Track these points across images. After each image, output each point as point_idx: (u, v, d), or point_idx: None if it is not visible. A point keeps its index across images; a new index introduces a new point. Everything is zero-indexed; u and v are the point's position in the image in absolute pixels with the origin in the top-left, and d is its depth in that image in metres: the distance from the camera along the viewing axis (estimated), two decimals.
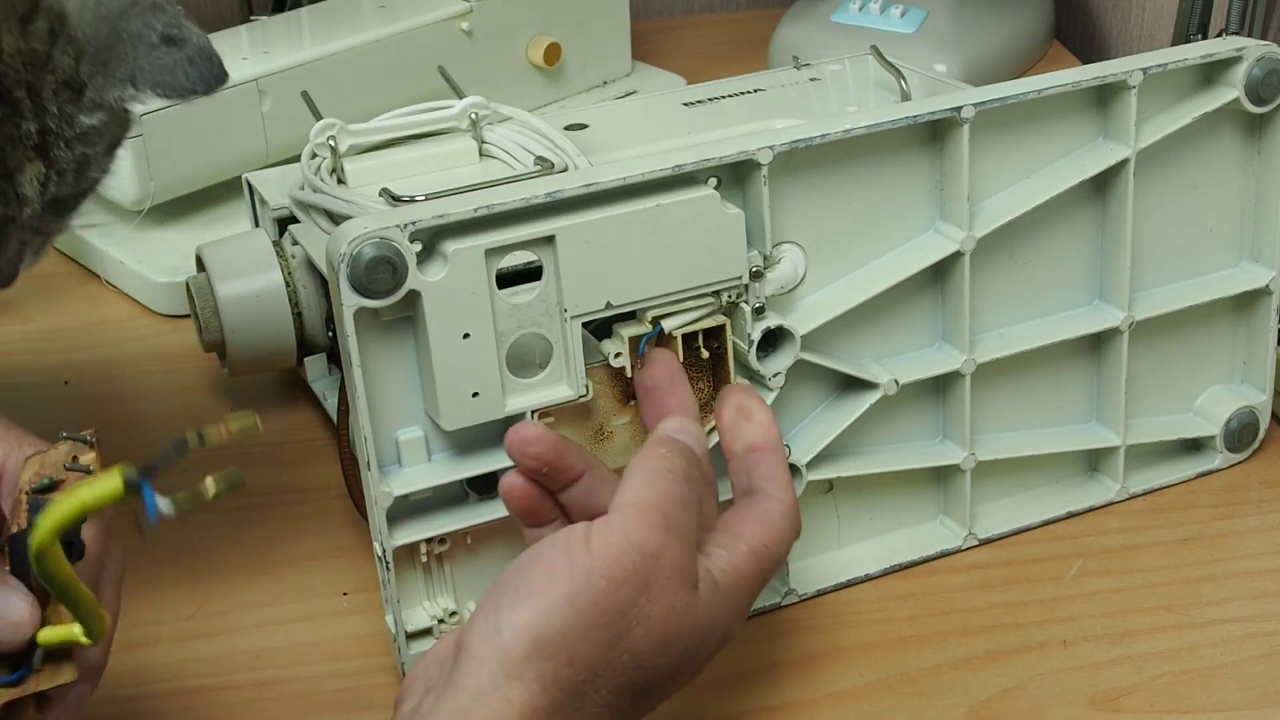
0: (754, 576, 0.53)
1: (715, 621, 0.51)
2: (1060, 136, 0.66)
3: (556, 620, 0.47)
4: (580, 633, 0.47)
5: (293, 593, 0.67)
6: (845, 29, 1.12)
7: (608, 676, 0.48)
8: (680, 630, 0.49)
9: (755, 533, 0.53)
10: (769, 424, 0.57)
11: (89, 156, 0.57)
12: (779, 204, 0.61)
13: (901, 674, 0.61)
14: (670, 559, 0.49)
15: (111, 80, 0.56)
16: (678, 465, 0.52)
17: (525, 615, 0.47)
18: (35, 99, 0.54)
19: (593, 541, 0.49)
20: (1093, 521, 0.70)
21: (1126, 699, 0.60)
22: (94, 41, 0.56)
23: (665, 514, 0.50)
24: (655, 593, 0.48)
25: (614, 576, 0.48)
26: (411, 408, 0.58)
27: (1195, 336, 0.72)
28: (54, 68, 0.55)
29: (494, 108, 0.76)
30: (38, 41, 0.54)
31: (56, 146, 0.56)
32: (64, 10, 0.55)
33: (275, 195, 0.76)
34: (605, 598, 0.48)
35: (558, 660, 0.47)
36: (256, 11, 1.08)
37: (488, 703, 0.46)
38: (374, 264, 0.54)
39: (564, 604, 0.47)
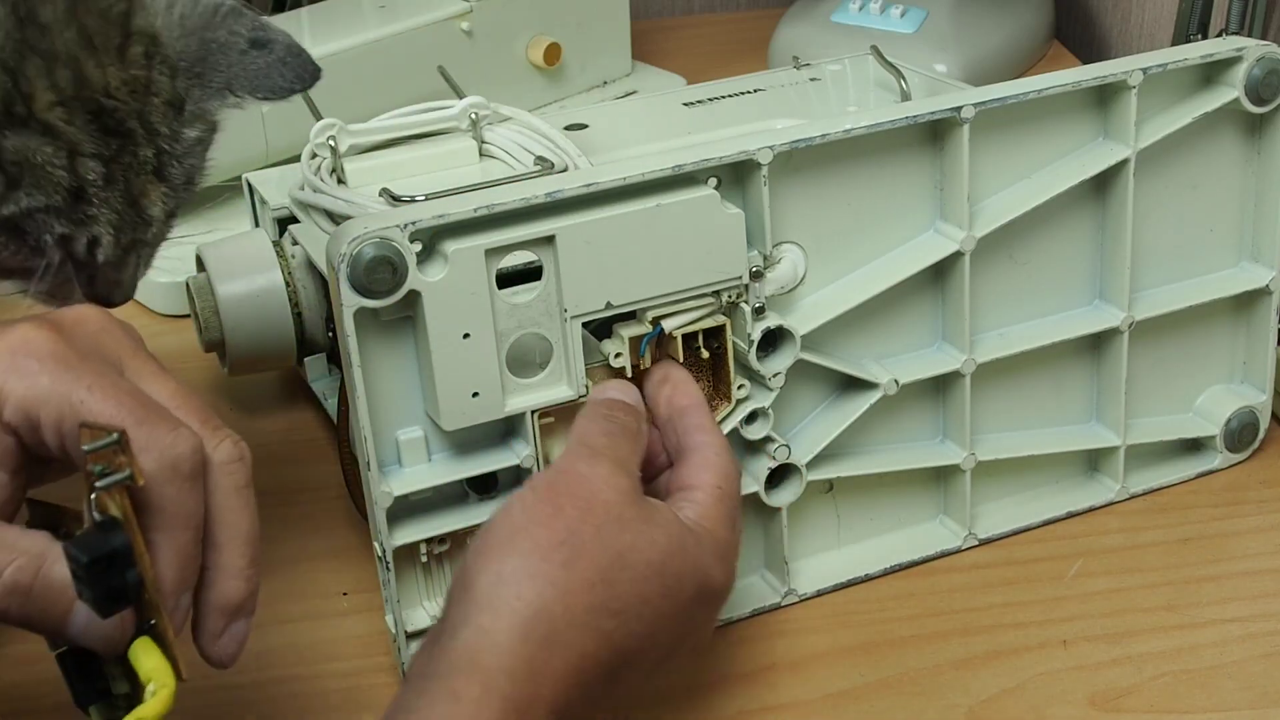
0: (723, 516, 0.55)
1: (684, 547, 0.52)
2: (1060, 136, 0.66)
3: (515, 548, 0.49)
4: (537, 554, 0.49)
5: (293, 593, 0.67)
6: (845, 29, 1.12)
7: (576, 596, 0.49)
8: (637, 543, 0.50)
9: (705, 478, 0.55)
10: (687, 382, 0.59)
11: (195, 167, 0.59)
12: (779, 204, 0.61)
13: (901, 674, 0.61)
14: (601, 476, 0.52)
15: (208, 91, 0.58)
16: (591, 411, 0.56)
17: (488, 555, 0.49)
18: (146, 124, 0.56)
19: (534, 481, 0.52)
20: (1093, 521, 0.70)
21: (1126, 699, 0.60)
22: (185, 56, 0.57)
23: (588, 444, 0.53)
24: (598, 508, 0.50)
25: (557, 502, 0.50)
26: (411, 408, 0.58)
27: (1195, 336, 0.72)
28: (156, 90, 0.56)
29: (494, 108, 0.76)
30: (137, 68, 0.55)
31: (170, 165, 0.57)
32: (154, 31, 0.56)
33: (275, 195, 0.76)
34: (553, 519, 0.50)
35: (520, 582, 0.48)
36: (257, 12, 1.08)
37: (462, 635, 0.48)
38: (374, 264, 0.54)
39: (520, 534, 0.50)
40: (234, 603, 0.48)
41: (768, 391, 0.62)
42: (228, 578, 0.48)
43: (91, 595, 0.43)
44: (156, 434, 0.46)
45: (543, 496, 0.51)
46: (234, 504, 0.48)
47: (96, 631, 0.45)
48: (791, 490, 0.64)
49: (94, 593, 0.43)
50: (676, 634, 0.52)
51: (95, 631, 0.45)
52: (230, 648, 0.48)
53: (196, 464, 0.46)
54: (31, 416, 0.46)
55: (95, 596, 0.43)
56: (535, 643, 0.47)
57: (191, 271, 0.75)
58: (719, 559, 0.53)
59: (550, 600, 0.48)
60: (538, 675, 0.47)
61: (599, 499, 0.51)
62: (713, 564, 0.53)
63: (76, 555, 0.43)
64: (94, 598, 0.43)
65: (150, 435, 0.45)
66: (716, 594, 0.54)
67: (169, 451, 0.46)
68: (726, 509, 0.55)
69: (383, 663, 0.62)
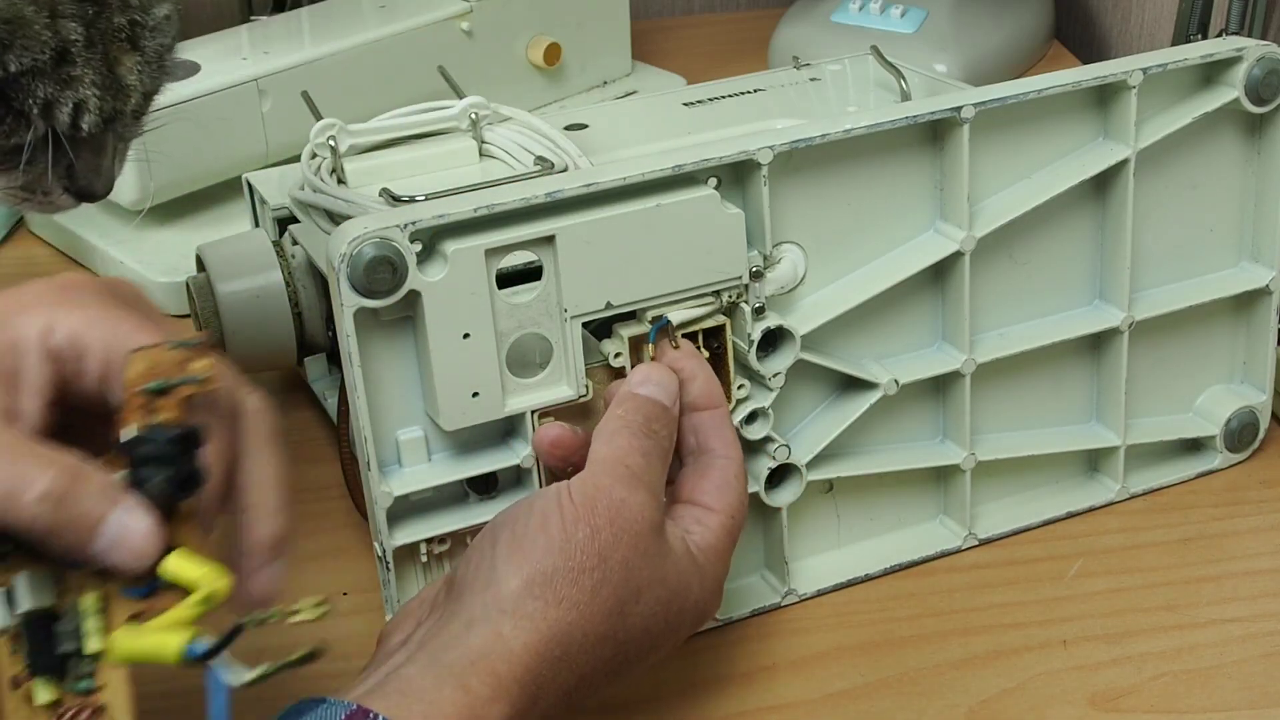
0: (726, 549, 0.56)
1: (689, 584, 0.54)
2: (1060, 136, 0.66)
3: (548, 562, 0.50)
4: (568, 576, 0.50)
5: (293, 593, 0.66)
6: (845, 29, 1.12)
7: (594, 623, 0.50)
8: (653, 579, 0.52)
9: (723, 501, 0.56)
10: (710, 382, 0.58)
11: (165, 47, 0.61)
12: (779, 204, 0.61)
13: (901, 674, 0.61)
14: (637, 505, 0.52)
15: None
16: (634, 420, 0.55)
17: (519, 558, 0.50)
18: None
19: (574, 492, 0.52)
20: (1093, 521, 0.70)
21: (1126, 699, 0.60)
22: None
23: (628, 465, 0.53)
24: (627, 539, 0.51)
25: (594, 524, 0.51)
26: (411, 408, 0.58)
27: (1195, 336, 0.72)
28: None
29: (494, 108, 0.76)
30: None
31: (144, 36, 0.59)
32: None
33: (275, 195, 0.76)
34: (588, 543, 0.51)
35: (547, 600, 0.50)
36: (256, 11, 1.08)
37: (479, 631, 0.49)
38: (374, 264, 0.54)
39: (555, 549, 0.50)
40: (271, 541, 0.50)
41: (768, 391, 0.62)
42: (265, 517, 0.50)
43: (169, 476, 0.45)
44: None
45: (581, 514, 0.51)
46: (267, 448, 0.50)
47: (128, 542, 0.45)
48: (791, 490, 0.64)
49: (173, 473, 0.45)
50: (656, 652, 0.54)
51: (127, 541, 0.45)
52: (269, 585, 0.50)
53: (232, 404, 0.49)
54: (79, 345, 0.47)
55: (171, 478, 0.45)
56: (549, 662, 0.49)
57: (191, 271, 0.75)
58: (714, 592, 0.56)
59: (572, 625, 0.50)
60: (543, 690, 0.49)
61: (632, 529, 0.52)
62: (709, 598, 0.55)
63: (156, 436, 0.45)
64: (170, 478, 0.45)
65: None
66: (703, 620, 0.56)
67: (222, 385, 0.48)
68: (730, 543, 0.56)
69: None
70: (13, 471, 0.44)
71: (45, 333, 0.47)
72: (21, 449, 0.45)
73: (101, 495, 0.45)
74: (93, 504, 0.45)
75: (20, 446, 0.45)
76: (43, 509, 0.44)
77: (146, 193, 0.90)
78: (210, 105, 0.90)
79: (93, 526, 0.45)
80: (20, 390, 0.47)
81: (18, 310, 0.48)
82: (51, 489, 0.44)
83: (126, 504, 0.45)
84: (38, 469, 0.44)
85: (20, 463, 0.44)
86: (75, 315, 0.47)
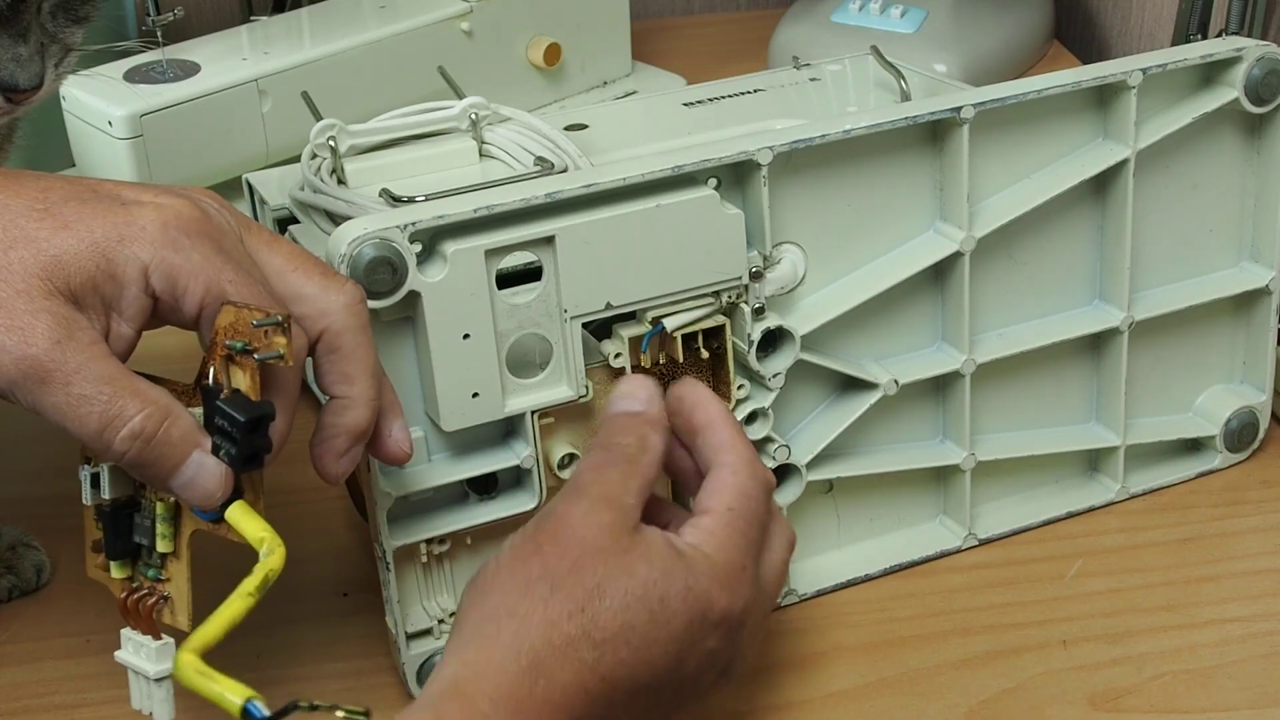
0: (730, 539, 0.53)
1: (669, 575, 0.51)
2: (1060, 136, 0.66)
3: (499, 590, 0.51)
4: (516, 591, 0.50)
5: (293, 593, 0.67)
6: (845, 29, 1.12)
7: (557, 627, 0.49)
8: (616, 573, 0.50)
9: (715, 503, 0.55)
10: (704, 400, 0.57)
11: None
12: (779, 204, 0.61)
13: (901, 674, 0.61)
14: (579, 514, 0.52)
15: None
16: (600, 436, 0.55)
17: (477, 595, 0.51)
18: None
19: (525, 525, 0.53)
20: (1093, 521, 0.70)
21: (1126, 699, 0.60)
22: None
23: (575, 482, 0.53)
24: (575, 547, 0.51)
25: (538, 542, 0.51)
26: (411, 408, 0.58)
27: (1195, 336, 0.72)
28: None
29: (494, 108, 0.76)
30: None
31: None
32: None
33: (275, 195, 0.77)
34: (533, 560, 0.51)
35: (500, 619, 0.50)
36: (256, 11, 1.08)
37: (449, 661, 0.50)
38: (374, 264, 0.54)
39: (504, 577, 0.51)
40: (362, 427, 0.52)
41: (767, 392, 0.62)
42: (360, 406, 0.52)
43: (235, 452, 0.49)
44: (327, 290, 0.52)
45: (527, 537, 0.52)
46: (364, 340, 0.52)
47: (201, 485, 0.49)
48: (791, 490, 0.64)
49: (239, 449, 0.49)
50: (681, 659, 0.51)
51: (201, 484, 0.49)
52: (347, 467, 0.53)
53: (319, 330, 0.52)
54: (178, 287, 0.49)
55: (238, 453, 0.49)
56: (518, 673, 0.49)
57: None
58: (720, 583, 0.52)
59: (531, 633, 0.49)
60: (522, 704, 0.48)
61: (575, 535, 0.51)
62: (711, 587, 0.52)
63: (234, 414, 0.48)
64: (236, 454, 0.49)
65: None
66: (723, 618, 0.52)
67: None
68: (736, 531, 0.54)
69: (383, 663, 0.62)
70: (110, 406, 0.47)
71: (147, 271, 0.49)
72: (120, 382, 0.48)
73: (184, 439, 0.49)
74: (175, 446, 0.48)
75: (119, 379, 0.48)
76: (133, 445, 0.48)
77: None
78: (210, 105, 0.90)
79: (173, 466, 0.49)
80: (116, 317, 0.49)
81: (122, 241, 0.49)
82: (144, 428, 0.48)
83: (204, 449, 0.49)
84: (134, 405, 0.48)
85: (119, 398, 0.48)
86: (178, 259, 0.49)
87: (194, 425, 0.49)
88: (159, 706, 0.53)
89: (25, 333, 0.47)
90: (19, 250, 0.48)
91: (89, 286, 0.48)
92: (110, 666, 0.53)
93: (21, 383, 0.47)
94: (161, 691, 0.53)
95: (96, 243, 0.48)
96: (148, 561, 0.53)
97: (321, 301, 0.51)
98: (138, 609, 0.53)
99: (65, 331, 0.47)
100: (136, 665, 0.53)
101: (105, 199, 0.50)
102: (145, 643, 0.53)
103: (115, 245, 0.48)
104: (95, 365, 0.47)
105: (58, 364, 0.47)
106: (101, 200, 0.49)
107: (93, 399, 0.47)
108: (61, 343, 0.47)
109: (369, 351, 0.52)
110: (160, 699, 0.53)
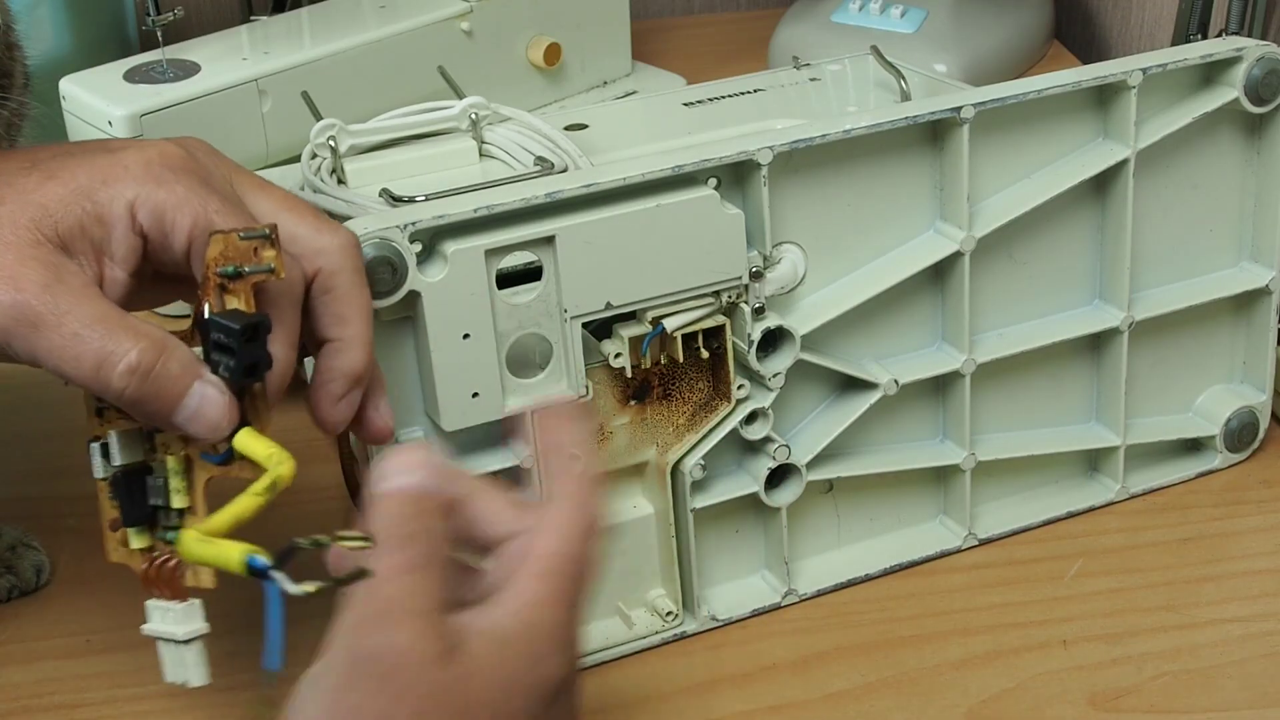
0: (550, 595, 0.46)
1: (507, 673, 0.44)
2: (1060, 136, 0.66)
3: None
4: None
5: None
6: (845, 29, 1.12)
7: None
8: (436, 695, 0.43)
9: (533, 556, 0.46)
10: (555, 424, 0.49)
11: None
12: (779, 204, 0.61)
13: (901, 674, 0.61)
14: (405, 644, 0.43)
15: None
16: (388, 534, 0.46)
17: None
18: None
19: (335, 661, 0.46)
20: (1093, 521, 0.70)
21: (1126, 699, 0.60)
22: None
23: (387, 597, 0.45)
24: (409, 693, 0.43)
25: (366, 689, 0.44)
26: (411, 408, 0.58)
27: (1195, 336, 0.72)
28: None
29: (494, 108, 0.76)
30: None
31: None
32: None
33: None
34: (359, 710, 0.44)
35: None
36: (256, 11, 1.08)
37: None
38: (374, 264, 0.54)
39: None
40: (359, 370, 0.52)
41: (768, 391, 0.62)
42: (355, 348, 0.51)
43: (233, 364, 0.48)
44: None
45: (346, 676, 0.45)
46: (358, 281, 0.52)
47: (206, 415, 0.48)
48: (791, 490, 0.64)
49: (237, 360, 0.47)
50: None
51: (205, 414, 0.48)
52: (346, 413, 0.52)
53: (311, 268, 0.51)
54: (165, 221, 0.49)
55: (236, 365, 0.47)
56: None
57: None
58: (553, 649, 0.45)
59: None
60: None
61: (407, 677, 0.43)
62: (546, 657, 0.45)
63: (228, 324, 0.47)
64: (235, 365, 0.48)
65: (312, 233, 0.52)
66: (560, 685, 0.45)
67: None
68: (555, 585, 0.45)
69: None
70: (104, 343, 0.47)
71: (133, 208, 0.49)
72: (113, 320, 0.47)
73: (183, 371, 0.48)
74: (175, 378, 0.48)
75: (112, 318, 0.47)
76: (131, 380, 0.47)
77: None
78: (210, 105, 0.90)
79: (175, 399, 0.48)
80: (108, 260, 0.49)
81: (106, 182, 0.49)
82: (140, 362, 0.47)
83: (205, 380, 0.48)
84: (129, 340, 0.47)
85: (113, 335, 0.47)
86: (162, 193, 0.49)
87: (193, 357, 0.49)
88: (193, 671, 0.52)
89: (15, 280, 0.47)
90: (6, 206, 0.48)
91: (77, 230, 0.48)
92: (111, 666, 0.54)
93: (15, 329, 0.47)
94: (193, 654, 0.52)
95: (81, 187, 0.49)
96: (166, 524, 0.52)
97: (316, 241, 0.51)
98: (159, 574, 0.52)
99: (54, 275, 0.47)
100: (166, 632, 0.52)
101: (92, 151, 0.50)
102: (171, 607, 0.52)
103: (99, 187, 0.49)
104: (87, 306, 0.47)
105: (49, 307, 0.47)
106: (88, 153, 0.50)
107: (86, 337, 0.47)
108: (50, 286, 0.47)
109: (364, 293, 0.52)
110: (193, 663, 0.52)
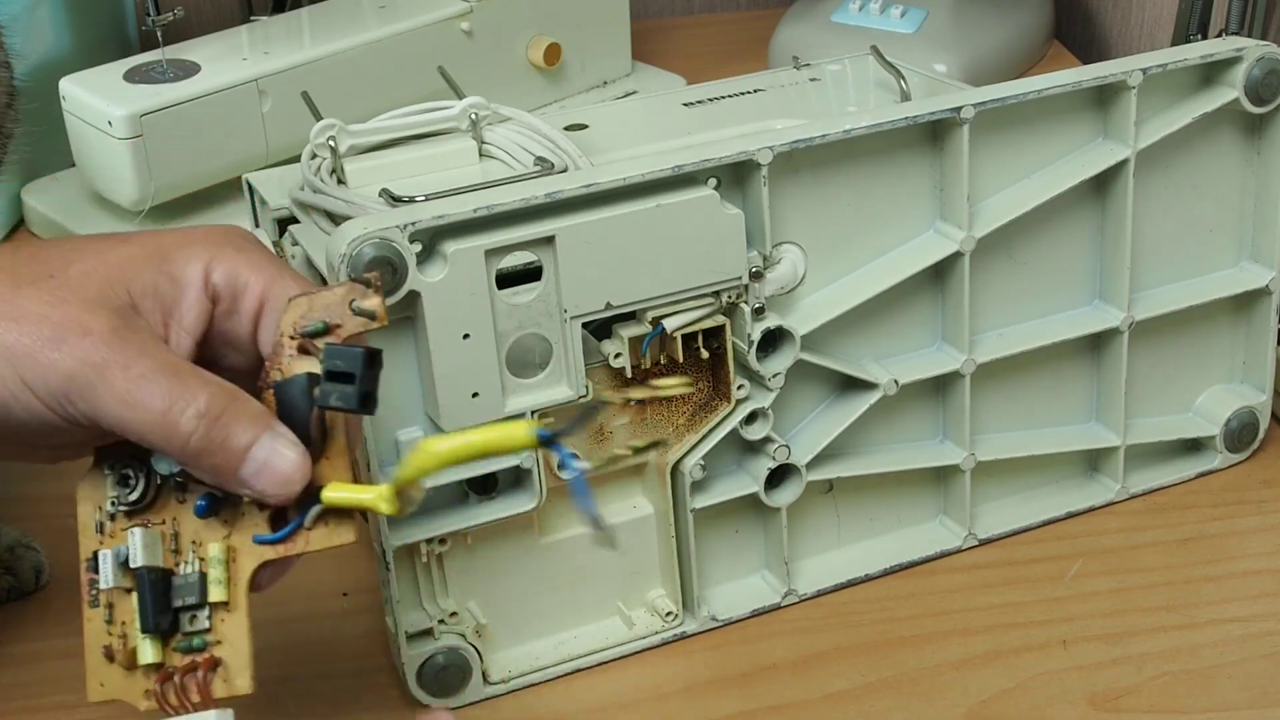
0: None
1: None
2: (1060, 136, 0.66)
3: None
4: None
5: (293, 593, 0.67)
6: (845, 29, 1.12)
7: None
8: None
9: None
10: None
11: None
12: (779, 204, 0.61)
13: (901, 674, 0.61)
14: None
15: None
16: None
17: None
18: None
19: None
20: (1093, 521, 0.70)
21: (1126, 699, 0.60)
22: None
23: None
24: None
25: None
26: (411, 408, 0.58)
27: (1195, 336, 0.72)
28: None
29: (494, 108, 0.76)
30: None
31: None
32: None
33: (275, 195, 0.76)
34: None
35: None
36: (256, 11, 1.08)
37: None
38: (374, 264, 0.54)
39: None
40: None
41: (767, 392, 0.62)
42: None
43: (353, 390, 0.46)
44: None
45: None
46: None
47: (276, 468, 0.46)
48: (791, 490, 0.64)
49: (359, 387, 0.46)
50: None
51: (275, 467, 0.46)
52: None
53: None
54: (238, 285, 0.49)
55: (357, 391, 0.46)
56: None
57: None
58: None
59: None
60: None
61: None
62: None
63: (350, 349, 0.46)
64: (355, 393, 0.46)
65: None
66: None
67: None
68: None
69: (383, 663, 0.62)
70: (174, 388, 0.46)
71: (207, 269, 0.49)
72: (183, 369, 0.47)
73: (254, 420, 0.46)
74: (245, 427, 0.46)
75: (182, 367, 0.47)
76: (199, 425, 0.46)
77: (147, 193, 0.90)
78: (210, 105, 0.90)
79: (243, 450, 0.46)
80: (174, 325, 0.48)
81: (181, 245, 0.49)
82: (209, 407, 0.46)
83: (275, 431, 0.47)
84: (199, 386, 0.46)
85: (182, 380, 0.46)
86: (239, 258, 0.49)
87: (263, 410, 0.47)
88: None
89: (84, 325, 0.46)
90: (81, 264, 0.48)
91: (149, 289, 0.48)
92: None
93: (80, 373, 0.45)
94: None
95: (160, 245, 0.49)
96: (187, 630, 0.47)
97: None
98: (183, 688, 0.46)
99: (123, 322, 0.46)
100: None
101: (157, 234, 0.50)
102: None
103: (174, 248, 0.49)
104: (155, 352, 0.46)
105: (117, 350, 0.45)
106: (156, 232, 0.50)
107: (154, 380, 0.45)
108: (119, 331, 0.46)
109: None
110: None
